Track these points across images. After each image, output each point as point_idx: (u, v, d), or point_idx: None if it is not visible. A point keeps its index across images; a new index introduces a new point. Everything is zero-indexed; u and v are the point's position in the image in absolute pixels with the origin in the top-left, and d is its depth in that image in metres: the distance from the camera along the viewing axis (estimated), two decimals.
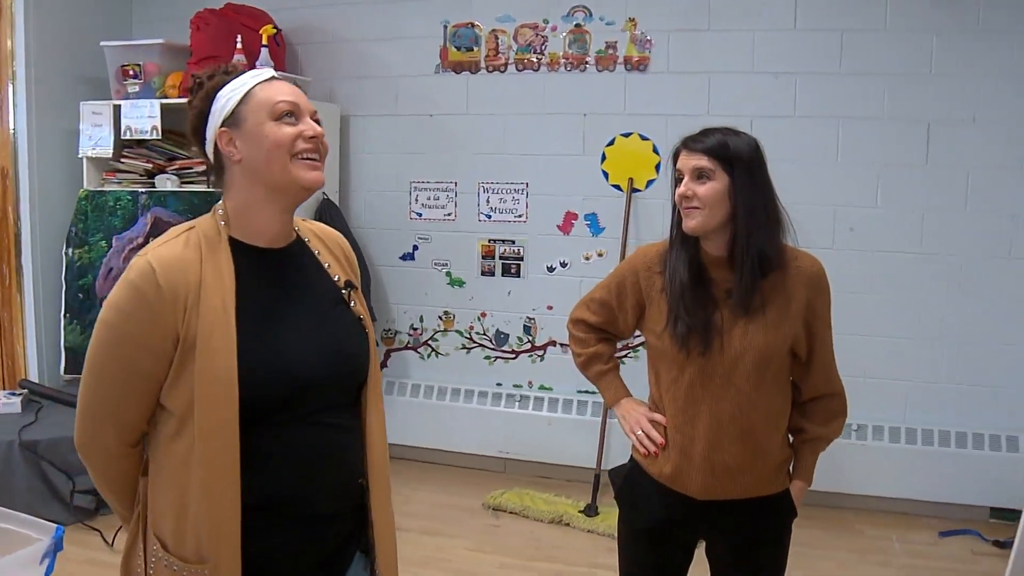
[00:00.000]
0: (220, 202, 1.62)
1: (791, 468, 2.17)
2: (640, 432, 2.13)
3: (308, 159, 1.57)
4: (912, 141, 4.30)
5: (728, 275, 2.01)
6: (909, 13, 4.24)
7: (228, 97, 1.56)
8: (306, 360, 1.57)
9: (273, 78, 1.61)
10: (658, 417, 2.11)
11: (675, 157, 2.08)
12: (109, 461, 1.60)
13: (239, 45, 4.45)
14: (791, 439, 2.17)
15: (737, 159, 2.00)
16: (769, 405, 2.04)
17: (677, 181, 2.05)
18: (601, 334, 2.28)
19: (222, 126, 1.56)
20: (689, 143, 2.05)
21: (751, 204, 1.99)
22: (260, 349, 1.52)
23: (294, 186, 1.57)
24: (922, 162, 4.29)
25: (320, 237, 1.75)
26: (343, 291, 1.71)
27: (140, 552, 1.58)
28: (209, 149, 1.60)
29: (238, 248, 1.58)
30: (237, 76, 1.59)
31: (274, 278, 1.61)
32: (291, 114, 1.56)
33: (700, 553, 2.23)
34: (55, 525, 2.62)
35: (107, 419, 1.56)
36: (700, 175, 2.00)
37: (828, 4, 4.34)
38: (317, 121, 1.61)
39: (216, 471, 1.47)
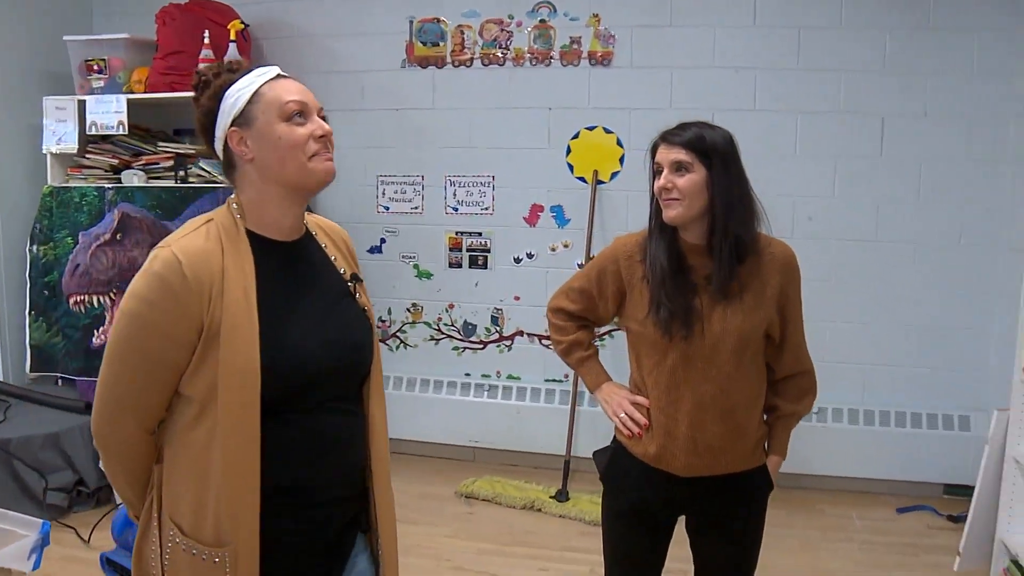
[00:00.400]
0: (233, 195, 1.67)
1: (767, 444, 2.28)
2: (623, 415, 2.22)
3: (322, 154, 1.62)
4: (867, 134, 4.45)
5: (706, 262, 2.11)
6: (864, 11, 4.38)
7: (237, 96, 1.59)
8: (319, 351, 1.62)
9: (279, 76, 1.64)
10: (640, 399, 2.20)
11: (653, 151, 2.16)
12: (127, 449, 1.63)
13: (206, 40, 4.44)
14: (765, 417, 2.28)
15: (714, 152, 2.08)
16: (748, 385, 2.15)
17: (656, 174, 2.14)
18: (580, 321, 2.37)
19: (232, 125, 1.60)
20: (668, 137, 2.13)
21: (727, 194, 2.08)
22: (279, 340, 1.57)
23: (310, 182, 1.62)
24: (877, 154, 4.44)
25: (325, 230, 1.81)
26: (349, 283, 1.76)
27: (155, 538, 1.62)
28: (219, 147, 1.64)
29: (255, 240, 1.63)
30: (244, 74, 1.62)
31: (289, 270, 1.66)
32: (300, 113, 1.60)
33: (680, 530, 2.33)
34: (41, 521, 2.65)
35: (128, 408, 1.59)
36: (679, 167, 2.08)
37: (786, 2, 4.46)
38: (324, 117, 1.66)
39: (237, 457, 1.52)
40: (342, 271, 1.77)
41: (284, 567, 1.62)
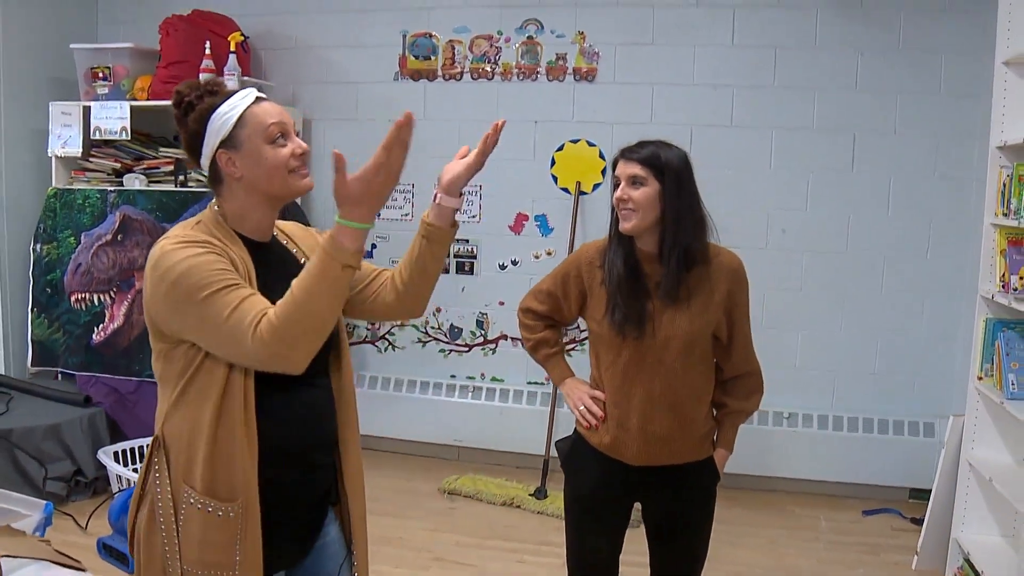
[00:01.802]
0: (213, 201, 1.86)
1: (715, 438, 2.46)
2: (583, 407, 2.41)
3: (300, 171, 1.82)
4: (839, 149, 4.65)
5: (659, 269, 2.30)
6: (837, 32, 4.59)
7: (223, 120, 1.77)
8: None
9: (259, 99, 1.83)
10: (598, 394, 2.40)
11: (614, 165, 2.36)
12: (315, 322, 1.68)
13: (208, 51, 4.64)
14: (715, 412, 2.46)
15: (668, 168, 2.27)
16: (694, 382, 2.34)
17: (615, 186, 2.33)
18: (547, 321, 2.56)
19: (220, 147, 1.78)
20: (626, 153, 2.33)
21: (678, 208, 2.27)
22: None
23: (292, 194, 1.84)
24: (848, 169, 4.64)
25: (283, 230, 1.99)
26: None
27: (163, 504, 1.77)
28: (206, 164, 1.82)
29: (240, 238, 1.83)
30: (226, 98, 1.80)
31: (268, 265, 1.84)
32: (282, 135, 1.80)
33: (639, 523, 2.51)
34: (44, 502, 2.83)
35: (256, 307, 1.66)
36: (635, 181, 2.27)
37: (762, 22, 4.66)
38: (297, 133, 1.86)
39: (239, 420, 1.72)
40: (302, 261, 1.94)
41: (277, 520, 1.81)
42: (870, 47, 4.56)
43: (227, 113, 1.78)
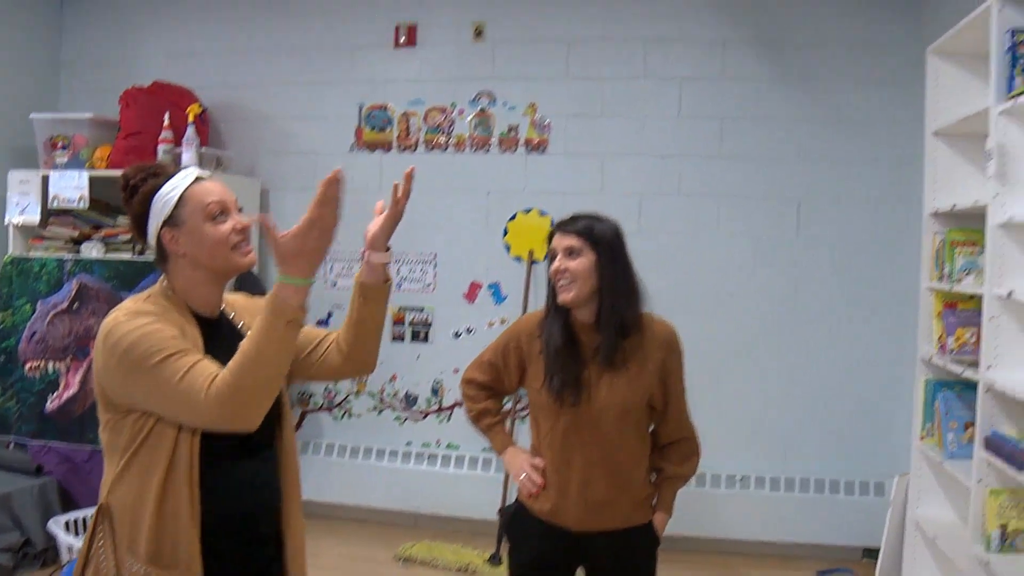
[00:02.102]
0: (162, 276, 1.92)
1: (654, 502, 2.52)
2: (524, 476, 2.47)
3: (242, 247, 1.89)
4: (784, 216, 4.79)
5: (595, 338, 2.38)
6: (781, 105, 4.77)
7: (165, 200, 1.85)
8: None
9: (199, 178, 1.90)
10: (538, 461, 2.46)
11: (550, 238, 2.45)
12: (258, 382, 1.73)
13: (166, 122, 4.72)
14: (653, 477, 2.53)
15: (602, 240, 2.38)
16: (632, 447, 2.41)
17: (551, 259, 2.42)
18: (489, 391, 2.63)
19: (163, 226, 1.85)
20: (561, 226, 2.43)
21: (613, 277, 2.37)
22: None
23: (235, 269, 1.90)
24: (793, 235, 4.78)
25: (231, 303, 2.05)
26: None
27: (109, 568, 1.79)
28: (151, 242, 1.89)
29: (191, 314, 1.89)
30: (168, 179, 1.87)
31: (217, 339, 1.90)
32: (222, 212, 1.87)
33: None
34: None
35: (202, 374, 1.70)
36: (571, 252, 2.37)
37: (709, 95, 4.84)
38: (240, 209, 1.93)
39: (183, 491, 1.76)
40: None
41: None
42: (812, 118, 4.74)
43: (169, 193, 1.85)
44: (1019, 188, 3.00)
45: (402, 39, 5.15)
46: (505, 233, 5.04)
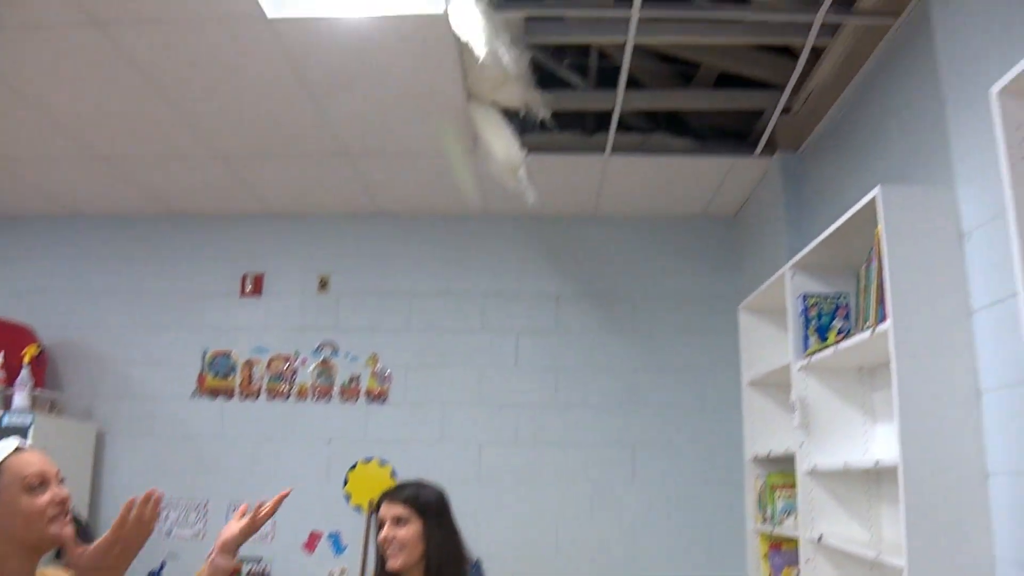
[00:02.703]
0: None
1: None
2: None
3: (60, 519, 1.87)
4: (620, 461, 4.97)
5: None
6: (615, 355, 5.09)
7: None
8: None
9: (19, 449, 1.90)
10: None
11: (378, 507, 2.53)
12: None
13: (1, 361, 4.63)
14: None
15: (428, 506, 2.48)
16: None
17: (379, 527, 2.49)
18: None
19: None
20: (388, 495, 2.53)
21: (440, 543, 2.46)
22: None
23: (48, 543, 1.86)
24: (629, 478, 4.95)
25: None
26: None
27: None
28: None
29: None
30: None
31: None
32: (41, 484, 1.86)
33: None
34: None
35: None
36: (398, 521, 2.46)
37: (543, 347, 5.12)
38: (62, 480, 1.91)
39: None
40: None
41: None
42: (643, 367, 5.06)
43: None
44: (821, 437, 3.28)
45: (248, 288, 5.28)
46: (346, 483, 5.03)
